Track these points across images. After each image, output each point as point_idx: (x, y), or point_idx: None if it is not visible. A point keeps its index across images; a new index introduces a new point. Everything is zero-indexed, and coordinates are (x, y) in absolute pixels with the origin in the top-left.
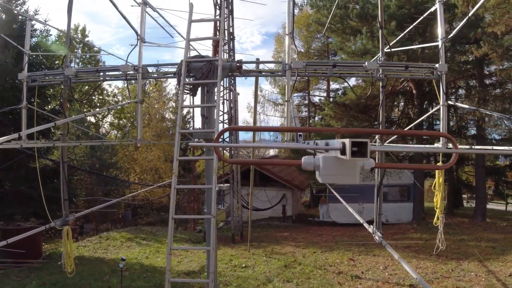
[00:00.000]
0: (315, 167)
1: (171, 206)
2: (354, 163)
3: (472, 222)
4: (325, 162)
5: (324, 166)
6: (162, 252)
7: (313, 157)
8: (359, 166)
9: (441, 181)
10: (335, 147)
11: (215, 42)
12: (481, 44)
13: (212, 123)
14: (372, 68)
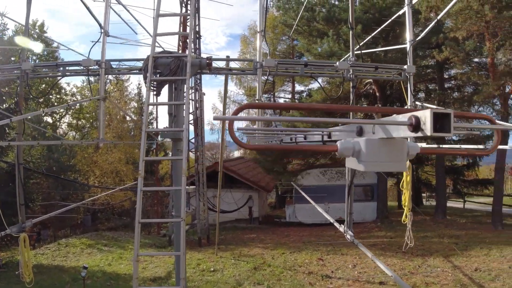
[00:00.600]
0: (354, 153)
1: (138, 209)
2: (402, 147)
3: (434, 220)
4: (369, 146)
5: (367, 151)
6: (125, 259)
7: (351, 140)
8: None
9: (409, 179)
10: (403, 122)
11: (183, 38)
12: (443, 49)
13: (180, 121)
14: (343, 68)
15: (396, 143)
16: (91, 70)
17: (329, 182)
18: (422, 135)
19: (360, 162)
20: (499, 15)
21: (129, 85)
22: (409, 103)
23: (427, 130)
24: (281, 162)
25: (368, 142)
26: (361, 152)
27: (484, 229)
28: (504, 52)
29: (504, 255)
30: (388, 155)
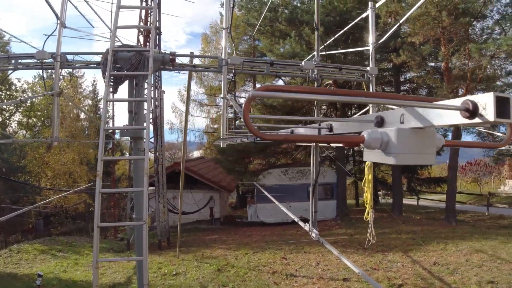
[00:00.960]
0: (382, 145)
1: (96, 213)
2: (432, 138)
3: (391, 216)
4: (400, 136)
5: (399, 142)
6: (81, 264)
7: (378, 130)
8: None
9: (371, 178)
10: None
11: (146, 32)
12: (400, 53)
13: (141, 119)
14: (308, 68)
15: (427, 134)
16: (45, 63)
17: (290, 181)
18: (480, 122)
19: (389, 155)
20: (455, 22)
21: (83, 81)
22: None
23: (489, 116)
24: (243, 162)
25: (400, 132)
26: (390, 144)
27: (439, 225)
28: (458, 57)
29: (460, 249)
30: (419, 146)
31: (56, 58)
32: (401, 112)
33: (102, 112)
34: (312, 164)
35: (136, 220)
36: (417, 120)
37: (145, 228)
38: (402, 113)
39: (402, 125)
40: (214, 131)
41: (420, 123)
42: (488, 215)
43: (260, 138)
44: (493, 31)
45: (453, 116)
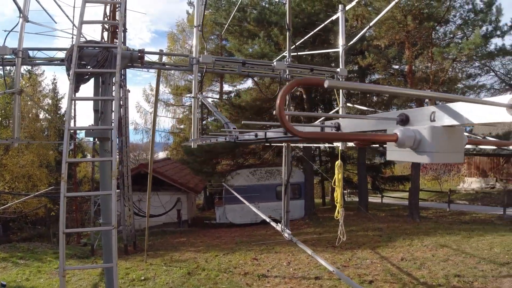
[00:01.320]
0: (415, 143)
1: (61, 218)
2: (461, 136)
3: (358, 214)
4: (434, 134)
5: (432, 141)
6: (44, 272)
7: (410, 129)
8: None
9: (340, 177)
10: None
11: (113, 28)
12: (366, 55)
13: (108, 119)
14: (280, 68)
15: (457, 132)
16: (6, 59)
17: (259, 182)
18: None
19: (421, 154)
20: (419, 26)
21: (43, 79)
22: (341, 104)
23: None
24: (211, 163)
25: (434, 130)
26: (423, 142)
27: (403, 222)
28: (421, 60)
29: (425, 245)
30: (450, 145)
31: (17, 53)
32: (431, 110)
33: (66, 111)
34: (284, 164)
35: (104, 225)
36: (451, 118)
37: (114, 233)
38: (433, 111)
39: (433, 123)
40: (180, 131)
41: (455, 121)
42: (449, 211)
43: (298, 136)
44: (455, 36)
45: (499, 114)
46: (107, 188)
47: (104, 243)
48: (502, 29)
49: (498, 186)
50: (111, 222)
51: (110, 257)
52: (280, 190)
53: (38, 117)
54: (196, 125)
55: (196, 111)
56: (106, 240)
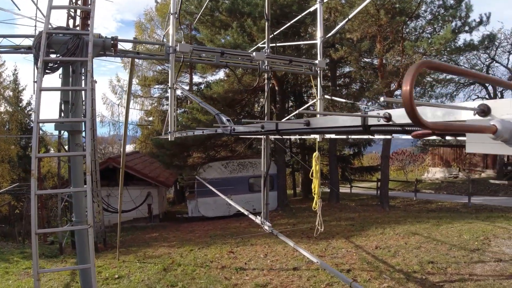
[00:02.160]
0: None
1: (33, 218)
2: None
3: (329, 205)
4: None
5: None
6: (12, 273)
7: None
8: None
9: (318, 168)
10: None
11: (83, 14)
12: (338, 48)
13: (79, 111)
14: (259, 59)
15: None
16: None
17: (231, 174)
18: None
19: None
20: (391, 20)
21: (3, 70)
22: (319, 96)
23: None
24: (181, 156)
25: None
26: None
27: (373, 211)
28: (392, 54)
29: (397, 233)
30: None
31: None
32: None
33: (35, 103)
34: (264, 156)
35: (77, 223)
36: None
37: (90, 232)
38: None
39: None
40: (149, 124)
41: None
42: (416, 200)
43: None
44: (425, 31)
45: None
46: (79, 185)
47: (78, 243)
48: (470, 25)
49: (461, 176)
50: (85, 220)
51: (85, 257)
52: (252, 182)
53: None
54: (173, 117)
55: (173, 102)
56: (81, 239)
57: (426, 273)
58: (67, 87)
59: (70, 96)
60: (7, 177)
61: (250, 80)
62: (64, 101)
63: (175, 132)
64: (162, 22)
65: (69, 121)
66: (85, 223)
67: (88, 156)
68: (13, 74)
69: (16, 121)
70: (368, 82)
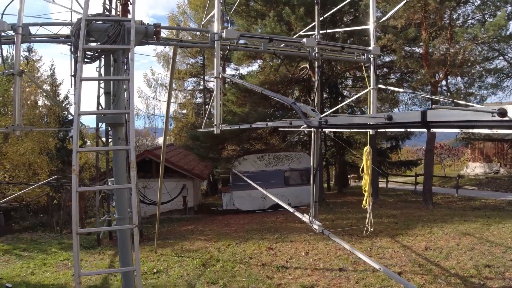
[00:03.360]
0: None
1: (74, 216)
2: None
3: None
4: None
5: None
6: (50, 265)
7: None
8: None
9: (369, 164)
10: None
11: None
12: (381, 36)
13: (121, 102)
14: (310, 45)
15: None
16: (4, 37)
17: (266, 167)
18: None
19: None
20: (440, 5)
21: (41, 66)
22: (372, 85)
23: None
24: (216, 149)
25: None
26: None
27: (416, 208)
28: (440, 42)
29: (446, 233)
30: None
31: (17, 30)
32: None
33: (75, 94)
34: (313, 151)
35: (120, 221)
36: None
37: (135, 233)
38: None
39: None
40: (182, 116)
41: None
42: (458, 196)
43: None
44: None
45: None
46: (122, 180)
47: (120, 242)
48: None
49: (502, 172)
50: (127, 218)
51: (128, 258)
52: (288, 176)
53: (37, 103)
54: (218, 109)
55: (219, 93)
56: (123, 238)
57: (483, 278)
58: (110, 76)
59: (111, 86)
60: (45, 169)
61: (286, 71)
62: (105, 92)
63: (221, 124)
64: (195, 15)
65: (112, 113)
66: (128, 221)
67: (132, 150)
68: (50, 69)
69: (54, 114)
70: (408, 72)
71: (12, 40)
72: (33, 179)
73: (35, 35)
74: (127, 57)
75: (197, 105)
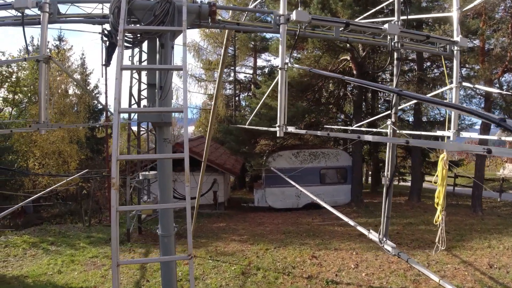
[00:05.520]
0: None
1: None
2: None
3: (410, 203)
4: None
5: None
6: (78, 263)
7: None
8: None
9: (445, 174)
10: None
11: None
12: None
13: (169, 97)
14: (392, 33)
15: None
16: (29, 17)
17: (302, 164)
18: None
19: None
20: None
21: (71, 55)
22: (455, 83)
23: None
24: (249, 143)
25: None
26: None
27: (465, 215)
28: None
29: (508, 247)
30: None
31: (43, 7)
32: None
33: (115, 87)
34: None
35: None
36: None
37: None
38: None
39: None
40: None
41: None
42: (501, 201)
43: None
44: None
45: None
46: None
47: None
48: None
49: None
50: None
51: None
52: (324, 173)
53: (67, 92)
54: (283, 107)
55: (284, 89)
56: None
57: None
58: (159, 65)
59: (157, 77)
60: (75, 157)
61: (326, 63)
62: (148, 84)
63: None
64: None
65: (155, 111)
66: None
67: (186, 158)
68: (81, 58)
69: (84, 103)
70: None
71: (37, 20)
72: (62, 167)
73: (65, 14)
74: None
75: (227, 97)
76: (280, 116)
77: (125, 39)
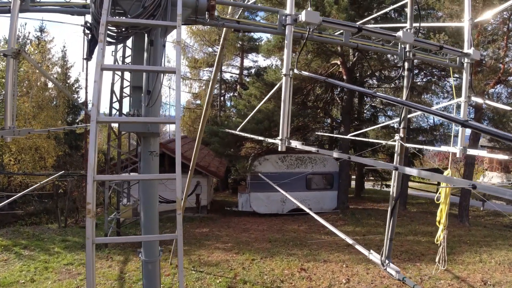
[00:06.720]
0: None
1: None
2: None
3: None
4: None
5: None
6: (52, 270)
7: None
8: None
9: (448, 191)
10: None
11: None
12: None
13: (157, 104)
14: (406, 41)
15: None
16: None
17: (288, 169)
18: None
19: None
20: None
21: (52, 47)
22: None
23: None
24: (235, 146)
25: None
26: None
27: (451, 225)
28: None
29: (499, 262)
30: None
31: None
32: None
33: (93, 90)
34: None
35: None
36: None
37: None
38: None
39: None
40: (196, 107)
41: None
42: (484, 210)
43: None
44: None
45: None
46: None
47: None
48: None
49: None
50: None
51: None
52: (310, 179)
53: (47, 86)
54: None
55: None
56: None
57: None
58: (145, 66)
59: (144, 79)
60: (52, 153)
61: (317, 66)
62: (133, 86)
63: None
64: None
65: (145, 121)
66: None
67: (178, 180)
68: (62, 51)
69: (63, 98)
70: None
71: (7, 8)
72: (39, 163)
73: (39, 2)
74: None
75: (213, 96)
76: (282, 128)
77: (108, 34)
